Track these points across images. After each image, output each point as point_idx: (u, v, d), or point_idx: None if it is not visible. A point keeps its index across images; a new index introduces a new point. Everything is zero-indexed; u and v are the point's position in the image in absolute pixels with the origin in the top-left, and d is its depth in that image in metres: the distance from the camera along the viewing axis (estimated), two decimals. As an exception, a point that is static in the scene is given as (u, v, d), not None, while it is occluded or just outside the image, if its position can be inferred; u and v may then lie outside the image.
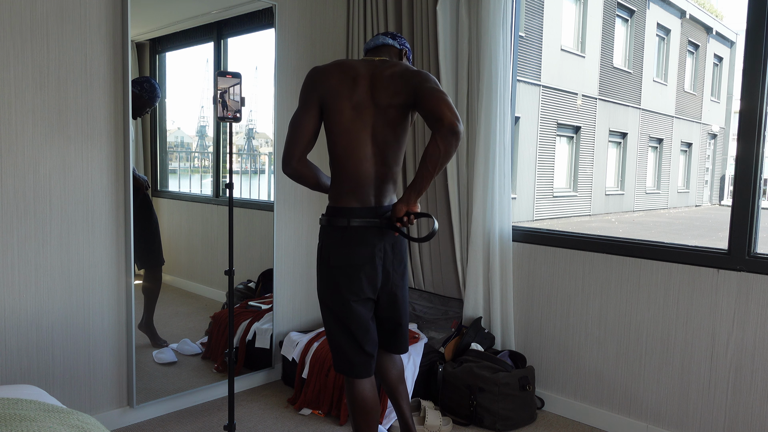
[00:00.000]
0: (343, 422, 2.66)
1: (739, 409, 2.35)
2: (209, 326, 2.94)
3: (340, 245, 1.95)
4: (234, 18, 2.92)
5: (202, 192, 2.99)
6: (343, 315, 1.98)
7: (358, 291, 1.96)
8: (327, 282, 2.00)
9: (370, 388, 2.05)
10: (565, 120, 12.63)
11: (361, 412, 2.04)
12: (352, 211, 1.94)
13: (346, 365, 2.03)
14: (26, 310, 2.33)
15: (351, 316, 1.98)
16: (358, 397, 2.03)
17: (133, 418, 2.65)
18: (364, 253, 1.94)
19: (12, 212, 2.27)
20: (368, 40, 2.30)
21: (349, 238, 1.94)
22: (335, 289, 1.98)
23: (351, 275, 1.95)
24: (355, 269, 1.95)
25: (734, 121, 15.75)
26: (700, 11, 15.87)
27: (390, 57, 2.10)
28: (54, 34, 2.32)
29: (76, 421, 1.53)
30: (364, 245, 1.94)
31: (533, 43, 11.52)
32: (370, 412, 2.05)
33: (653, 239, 2.74)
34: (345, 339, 2.01)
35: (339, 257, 1.95)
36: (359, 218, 1.94)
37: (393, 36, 2.14)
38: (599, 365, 2.73)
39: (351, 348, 2.02)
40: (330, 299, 2.00)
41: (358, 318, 1.99)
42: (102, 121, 2.46)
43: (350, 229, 1.94)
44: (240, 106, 2.14)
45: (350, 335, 2.00)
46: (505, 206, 2.90)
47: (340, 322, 2.01)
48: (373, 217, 1.95)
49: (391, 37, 2.13)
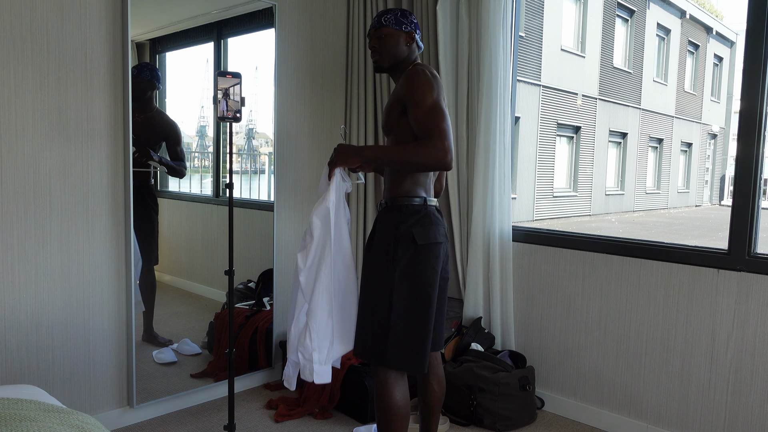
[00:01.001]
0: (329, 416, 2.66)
1: (739, 409, 2.35)
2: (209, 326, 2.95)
3: (422, 224, 1.96)
4: (234, 18, 2.92)
5: (202, 192, 2.99)
6: (425, 298, 1.92)
7: (438, 270, 1.97)
8: (411, 264, 1.93)
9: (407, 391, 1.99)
10: (565, 120, 12.62)
11: (401, 419, 1.94)
12: (425, 199, 2.02)
13: (413, 359, 1.92)
14: (26, 310, 2.33)
15: (432, 299, 1.93)
16: (402, 401, 1.94)
17: (133, 418, 2.65)
18: (441, 231, 2.01)
19: (12, 212, 2.27)
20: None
21: (428, 218, 1.99)
22: (422, 269, 1.93)
23: (436, 253, 1.96)
24: (437, 246, 1.97)
25: (734, 121, 15.73)
26: (700, 11, 15.86)
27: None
28: (54, 34, 2.32)
29: (76, 421, 1.53)
30: (438, 225, 2.01)
31: (533, 43, 11.52)
32: (406, 417, 1.97)
33: (653, 239, 2.74)
34: (420, 328, 1.92)
35: (423, 236, 1.94)
36: (432, 204, 2.03)
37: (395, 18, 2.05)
38: (599, 365, 2.73)
39: (426, 337, 1.93)
40: (415, 281, 1.92)
41: (434, 303, 1.95)
42: (102, 121, 2.46)
43: (427, 209, 2.00)
44: (240, 106, 2.14)
45: (426, 323, 1.93)
46: (505, 206, 2.90)
47: (417, 308, 1.92)
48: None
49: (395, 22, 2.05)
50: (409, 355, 1.92)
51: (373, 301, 1.96)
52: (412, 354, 1.92)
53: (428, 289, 1.93)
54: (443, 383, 2.18)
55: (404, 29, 2.03)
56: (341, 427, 2.67)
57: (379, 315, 1.93)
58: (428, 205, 2.01)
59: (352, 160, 1.96)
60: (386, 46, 2.03)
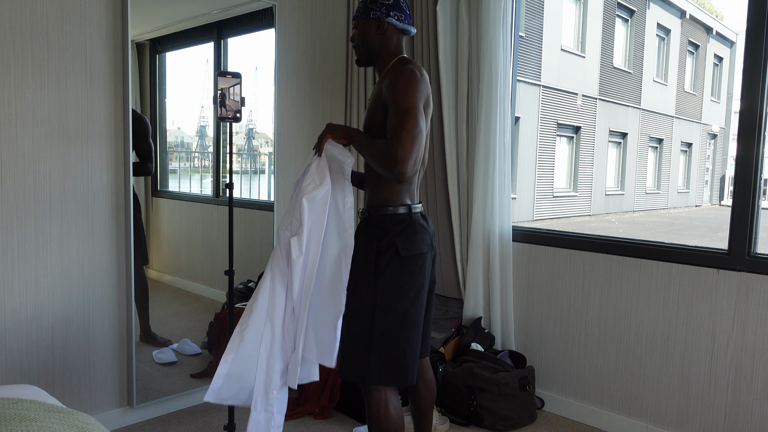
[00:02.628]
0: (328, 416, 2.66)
1: (739, 409, 2.35)
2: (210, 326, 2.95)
3: (406, 235, 1.86)
4: (234, 18, 2.92)
5: (202, 192, 2.99)
6: (409, 311, 1.84)
7: (424, 282, 1.88)
8: (394, 277, 1.83)
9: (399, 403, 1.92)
10: (565, 120, 12.62)
11: (398, 430, 1.87)
12: (410, 206, 1.91)
13: (402, 373, 1.84)
14: (26, 310, 2.33)
15: (417, 312, 1.86)
16: (396, 416, 1.85)
17: (133, 418, 2.65)
18: (426, 240, 1.91)
19: (12, 212, 2.27)
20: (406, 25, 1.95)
21: (413, 228, 1.88)
22: (405, 282, 1.84)
23: (420, 263, 1.87)
24: (421, 257, 1.88)
25: (734, 121, 15.73)
26: (700, 11, 15.86)
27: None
28: (54, 34, 2.32)
29: (76, 421, 1.53)
30: (424, 234, 1.91)
31: (533, 43, 11.52)
32: (402, 428, 1.91)
33: (653, 239, 2.74)
34: (408, 341, 1.84)
35: (406, 247, 1.84)
36: (417, 211, 1.91)
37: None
38: (599, 365, 2.73)
39: (413, 350, 1.85)
40: (398, 294, 1.84)
41: (421, 314, 1.87)
42: (102, 121, 2.46)
43: (411, 218, 1.89)
44: (240, 106, 2.14)
45: (411, 336, 1.84)
46: (505, 206, 2.90)
47: (400, 322, 1.83)
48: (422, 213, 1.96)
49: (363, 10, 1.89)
50: (395, 370, 1.83)
51: (355, 317, 1.85)
52: (396, 369, 1.83)
53: (413, 302, 1.84)
54: (433, 388, 2.12)
55: (372, 16, 1.86)
56: (341, 427, 2.67)
57: (362, 330, 1.83)
58: (413, 213, 1.89)
59: (338, 135, 1.86)
60: (360, 38, 1.91)
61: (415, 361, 1.87)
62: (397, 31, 1.91)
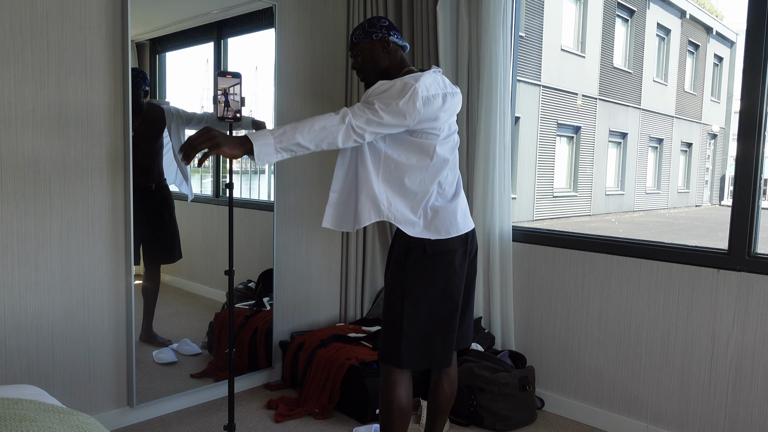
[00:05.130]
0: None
1: (739, 409, 2.35)
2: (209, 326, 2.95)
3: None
4: (234, 18, 2.92)
5: (202, 192, 2.99)
6: (439, 303, 1.96)
7: (452, 276, 1.98)
8: (422, 272, 1.97)
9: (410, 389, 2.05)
10: (565, 120, 12.63)
11: (403, 414, 2.00)
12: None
13: (430, 358, 1.99)
14: (26, 310, 2.33)
15: (445, 303, 1.97)
16: (406, 399, 2.00)
17: (133, 418, 2.65)
18: (456, 238, 1.99)
19: (12, 212, 2.27)
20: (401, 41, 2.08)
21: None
22: (432, 276, 1.97)
23: (448, 259, 1.98)
24: (450, 254, 1.99)
25: (734, 121, 15.73)
26: (700, 11, 15.87)
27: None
28: (54, 34, 2.32)
29: (76, 422, 1.53)
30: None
31: (533, 43, 11.52)
32: (409, 414, 2.03)
33: (653, 239, 2.74)
34: (436, 330, 1.97)
35: (432, 245, 1.96)
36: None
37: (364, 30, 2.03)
38: (599, 365, 2.73)
39: (442, 338, 1.98)
40: (425, 288, 1.96)
41: (449, 306, 1.98)
42: (102, 121, 2.46)
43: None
44: (240, 106, 2.13)
45: (442, 327, 1.98)
46: (505, 206, 2.90)
47: (430, 312, 1.96)
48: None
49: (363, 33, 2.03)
50: (423, 355, 1.98)
51: (389, 308, 2.02)
52: (424, 354, 1.98)
53: (440, 296, 1.97)
54: (455, 385, 2.20)
55: (375, 38, 2.01)
56: (341, 427, 2.67)
57: (395, 320, 1.98)
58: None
59: (234, 149, 1.89)
60: (366, 62, 2.04)
61: (445, 348, 2.00)
62: (398, 48, 2.06)
